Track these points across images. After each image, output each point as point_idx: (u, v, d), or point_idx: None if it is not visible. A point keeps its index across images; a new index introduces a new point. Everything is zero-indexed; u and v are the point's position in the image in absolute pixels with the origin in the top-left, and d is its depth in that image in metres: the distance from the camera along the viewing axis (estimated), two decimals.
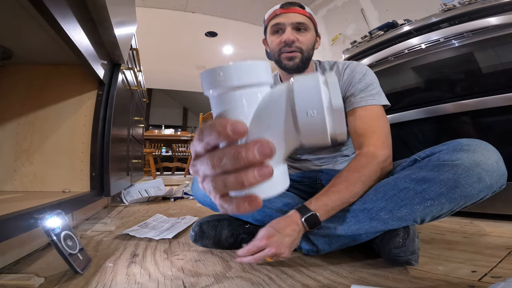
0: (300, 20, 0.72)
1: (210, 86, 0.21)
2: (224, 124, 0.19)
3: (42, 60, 0.92)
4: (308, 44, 0.74)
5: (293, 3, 0.74)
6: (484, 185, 0.49)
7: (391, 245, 0.53)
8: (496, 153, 0.52)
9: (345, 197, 0.57)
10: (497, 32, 1.00)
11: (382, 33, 1.43)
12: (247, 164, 0.19)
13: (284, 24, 0.73)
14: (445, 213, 0.53)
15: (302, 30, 0.73)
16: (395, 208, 0.53)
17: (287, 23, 0.72)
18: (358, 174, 0.59)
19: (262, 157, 0.19)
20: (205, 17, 3.20)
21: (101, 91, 0.98)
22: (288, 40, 0.71)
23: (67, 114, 0.94)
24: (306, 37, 0.74)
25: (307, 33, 0.74)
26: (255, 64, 0.21)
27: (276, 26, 0.74)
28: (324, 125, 0.19)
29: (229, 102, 0.21)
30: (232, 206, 0.21)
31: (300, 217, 0.55)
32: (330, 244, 0.60)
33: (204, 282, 0.50)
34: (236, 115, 0.21)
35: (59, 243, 0.51)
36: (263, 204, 0.75)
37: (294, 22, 0.72)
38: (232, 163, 0.19)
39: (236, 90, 0.21)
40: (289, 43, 0.72)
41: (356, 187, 0.58)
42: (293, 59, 0.73)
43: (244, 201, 0.21)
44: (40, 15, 0.53)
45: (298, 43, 0.72)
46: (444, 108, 1.12)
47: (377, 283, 0.48)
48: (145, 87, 2.21)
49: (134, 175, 1.75)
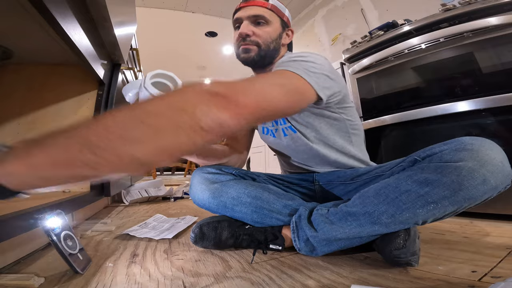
0: (257, 12, 0.69)
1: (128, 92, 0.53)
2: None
3: (42, 60, 0.92)
4: (267, 37, 0.70)
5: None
6: (489, 187, 0.47)
7: (392, 247, 0.53)
8: (501, 152, 0.50)
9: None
10: (497, 32, 1.00)
11: (382, 33, 1.43)
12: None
13: (241, 18, 0.70)
14: (448, 215, 0.51)
15: (262, 23, 0.70)
16: (397, 212, 0.52)
17: (244, 16, 0.70)
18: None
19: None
20: (205, 17, 3.20)
21: (101, 91, 0.98)
22: (242, 33, 0.69)
23: (67, 114, 0.94)
24: (264, 30, 0.70)
25: (267, 26, 0.70)
26: (133, 82, 0.53)
27: (236, 21, 0.72)
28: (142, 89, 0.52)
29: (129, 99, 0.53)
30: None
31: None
32: (329, 246, 0.60)
33: (204, 282, 0.50)
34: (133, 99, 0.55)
35: (59, 243, 0.51)
36: (262, 206, 0.74)
37: (250, 15, 0.69)
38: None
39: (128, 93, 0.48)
40: (243, 36, 0.69)
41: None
42: (248, 51, 0.70)
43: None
44: (40, 15, 0.53)
45: (254, 36, 0.69)
46: (444, 108, 1.12)
47: (377, 283, 0.48)
48: None
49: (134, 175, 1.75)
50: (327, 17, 2.74)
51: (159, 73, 0.37)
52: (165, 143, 0.33)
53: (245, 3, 0.71)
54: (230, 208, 0.70)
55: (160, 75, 0.36)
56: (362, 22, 2.30)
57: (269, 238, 0.66)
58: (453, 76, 1.14)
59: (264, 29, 0.70)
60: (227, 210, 0.71)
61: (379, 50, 1.39)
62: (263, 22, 0.70)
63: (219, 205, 0.71)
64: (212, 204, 0.72)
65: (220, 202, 0.71)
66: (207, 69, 4.80)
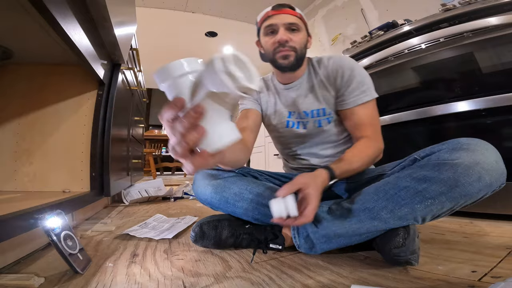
0: (292, 20, 0.74)
1: (163, 79, 0.30)
2: (170, 103, 0.29)
3: (42, 60, 0.92)
4: (301, 43, 0.75)
5: (284, 4, 0.76)
6: (484, 184, 0.49)
7: (391, 245, 0.54)
8: (495, 152, 0.53)
9: (350, 169, 0.66)
10: (497, 32, 1.00)
11: (382, 33, 1.43)
12: (191, 126, 0.28)
13: (277, 24, 0.74)
14: (445, 212, 0.53)
15: (295, 30, 0.75)
16: (396, 208, 0.54)
17: (280, 23, 0.74)
18: (362, 153, 0.69)
19: (197, 115, 0.28)
20: (205, 17, 3.20)
21: (101, 91, 0.98)
22: (282, 40, 0.73)
23: (67, 114, 0.94)
24: (298, 37, 0.75)
25: (299, 33, 0.75)
26: (186, 60, 0.31)
27: (270, 27, 0.75)
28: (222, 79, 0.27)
29: (175, 87, 0.30)
30: (189, 165, 0.30)
31: (328, 179, 0.62)
32: (329, 244, 0.60)
33: (204, 282, 0.50)
34: (180, 95, 0.30)
35: (59, 243, 0.51)
36: (264, 204, 0.75)
37: (286, 22, 0.73)
38: (181, 128, 0.28)
39: (177, 78, 0.30)
40: (283, 42, 0.73)
41: (359, 163, 0.67)
42: (287, 57, 0.74)
43: (196, 156, 0.30)
44: (40, 15, 0.53)
45: (291, 42, 0.74)
46: (444, 108, 1.12)
47: (377, 283, 0.48)
48: (145, 87, 2.21)
49: (134, 175, 1.75)
50: (327, 17, 2.74)
51: (235, 56, 0.29)
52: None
53: (278, 11, 0.75)
54: (232, 203, 0.71)
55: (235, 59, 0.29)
56: (362, 22, 2.30)
57: (269, 238, 0.66)
58: (453, 76, 1.14)
59: (298, 35, 0.75)
60: (228, 205, 0.71)
61: (379, 50, 1.39)
62: (296, 29, 0.75)
63: (221, 200, 0.72)
64: (214, 199, 0.73)
65: (222, 197, 0.72)
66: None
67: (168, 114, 0.29)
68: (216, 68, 0.27)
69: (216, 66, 0.27)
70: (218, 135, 0.31)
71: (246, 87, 0.28)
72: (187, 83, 0.30)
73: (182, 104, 0.29)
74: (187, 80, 0.30)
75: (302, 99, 0.80)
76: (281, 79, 0.83)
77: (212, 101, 0.30)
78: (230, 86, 0.27)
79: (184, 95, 0.30)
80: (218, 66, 0.27)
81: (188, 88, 0.30)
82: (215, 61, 0.27)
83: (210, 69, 0.27)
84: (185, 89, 0.30)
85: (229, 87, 0.27)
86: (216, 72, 0.27)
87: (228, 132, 0.32)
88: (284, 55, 0.74)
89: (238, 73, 0.27)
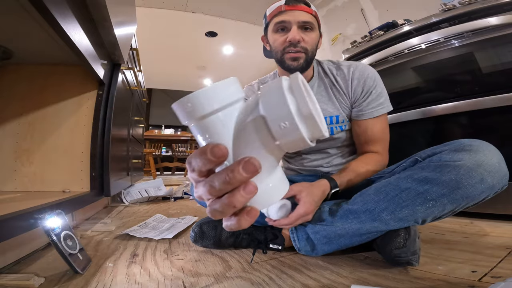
0: (306, 19, 0.68)
1: (184, 118, 0.22)
2: (204, 151, 0.20)
3: (42, 60, 0.92)
4: (313, 44, 0.71)
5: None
6: (486, 186, 0.48)
7: (392, 246, 0.53)
8: (498, 153, 0.52)
9: (354, 181, 0.67)
10: (497, 32, 1.00)
11: (382, 33, 1.43)
12: (238, 184, 0.20)
13: (290, 22, 0.68)
14: (446, 214, 0.52)
15: (308, 29, 0.69)
16: (397, 209, 0.53)
17: (293, 21, 0.68)
18: (366, 167, 0.69)
19: (249, 174, 0.19)
20: (205, 17, 3.19)
21: (101, 91, 0.98)
22: (294, 39, 0.67)
23: (67, 114, 0.94)
24: (311, 37, 0.70)
25: (313, 33, 0.70)
26: (221, 86, 0.21)
27: (281, 24, 0.69)
28: (300, 133, 0.19)
29: (206, 129, 0.22)
30: (233, 222, 0.22)
31: (330, 187, 0.64)
32: (330, 245, 0.60)
33: (204, 282, 0.50)
34: (216, 139, 0.22)
35: (59, 243, 0.51)
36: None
37: (300, 21, 0.68)
38: (224, 187, 0.20)
39: (208, 116, 0.21)
40: (295, 43, 0.68)
41: (363, 176, 0.68)
42: (297, 59, 0.69)
43: (242, 216, 0.22)
44: (40, 15, 0.53)
45: (303, 43, 0.68)
46: (444, 108, 1.12)
47: (377, 283, 0.48)
48: (145, 87, 2.21)
49: (134, 175, 1.75)
50: (327, 17, 2.74)
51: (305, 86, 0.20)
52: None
53: (292, 7, 0.68)
54: None
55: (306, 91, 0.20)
56: (362, 22, 2.30)
57: (269, 238, 0.66)
58: (453, 76, 1.14)
59: (311, 35, 0.70)
60: None
61: (379, 50, 1.39)
62: (310, 29, 0.70)
63: None
64: None
65: None
66: (207, 69, 4.80)
67: (200, 165, 0.20)
68: (290, 110, 0.18)
69: (290, 106, 0.18)
70: (270, 191, 0.23)
71: (321, 135, 0.20)
72: (228, 123, 0.21)
73: (224, 156, 0.20)
74: (228, 117, 0.21)
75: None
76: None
77: (264, 147, 0.21)
78: (305, 135, 0.19)
79: (224, 141, 0.21)
80: (292, 105, 0.18)
81: (230, 130, 0.21)
82: (285, 95, 0.19)
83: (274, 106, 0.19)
84: (225, 131, 0.21)
85: (304, 138, 0.19)
86: (287, 115, 0.18)
87: (280, 186, 0.24)
88: (294, 57, 0.69)
89: (316, 117, 0.19)
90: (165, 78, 5.24)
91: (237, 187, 0.20)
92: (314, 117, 0.19)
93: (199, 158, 0.20)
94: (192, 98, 0.20)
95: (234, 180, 0.20)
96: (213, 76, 5.13)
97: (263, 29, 0.78)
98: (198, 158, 0.20)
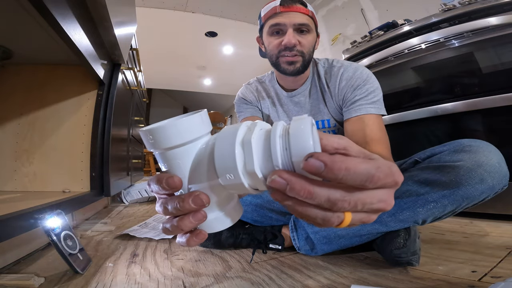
0: (302, 21, 0.65)
1: (148, 147, 0.23)
2: (161, 180, 0.23)
3: (42, 60, 0.92)
4: (310, 46, 0.68)
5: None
6: (486, 186, 0.49)
7: (392, 246, 0.53)
8: (498, 153, 0.52)
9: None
10: (497, 32, 1.00)
11: (382, 33, 1.43)
12: (188, 212, 0.23)
13: (285, 25, 0.65)
14: (446, 214, 0.52)
15: (304, 32, 0.66)
16: (397, 211, 0.53)
17: (288, 24, 0.65)
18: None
19: (197, 207, 0.22)
20: (205, 17, 3.19)
21: (101, 91, 0.98)
22: (289, 43, 0.64)
23: (67, 114, 0.94)
24: (308, 40, 0.67)
25: (309, 35, 0.67)
26: (183, 124, 0.22)
27: (276, 27, 0.66)
28: (243, 185, 0.20)
29: (166, 160, 0.24)
30: (183, 240, 0.25)
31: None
32: (329, 245, 0.60)
33: (204, 282, 0.50)
34: (173, 170, 0.24)
35: (59, 243, 0.51)
36: (263, 205, 0.76)
37: (296, 23, 0.65)
38: (175, 212, 0.23)
39: (168, 150, 0.23)
40: (291, 46, 0.65)
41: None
42: (293, 63, 0.66)
43: (191, 237, 0.25)
44: (40, 15, 0.53)
45: (299, 46, 0.66)
46: (444, 108, 1.12)
47: (377, 283, 0.48)
48: (145, 87, 2.21)
49: (134, 175, 1.75)
50: (327, 17, 2.74)
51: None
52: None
53: (287, 8, 0.64)
54: None
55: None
56: (362, 22, 2.30)
57: (269, 238, 0.66)
58: (453, 76, 1.14)
59: (307, 38, 0.67)
60: None
61: (379, 50, 1.39)
62: (306, 31, 0.67)
63: None
64: None
65: None
66: (207, 69, 4.80)
67: (156, 190, 0.24)
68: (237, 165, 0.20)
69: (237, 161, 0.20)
70: (221, 218, 0.25)
71: (263, 189, 0.22)
72: (186, 158, 0.23)
73: (177, 187, 0.23)
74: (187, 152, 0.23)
75: (306, 110, 0.75)
76: (283, 83, 0.77)
77: (214, 186, 0.23)
78: (247, 186, 0.21)
79: (181, 172, 0.23)
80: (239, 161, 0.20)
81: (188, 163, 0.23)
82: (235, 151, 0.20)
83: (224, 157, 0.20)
84: (183, 164, 0.23)
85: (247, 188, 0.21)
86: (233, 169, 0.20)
87: (232, 214, 0.26)
88: (290, 61, 0.66)
89: (259, 174, 0.20)
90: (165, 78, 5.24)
91: (187, 213, 0.23)
92: (257, 175, 0.20)
93: (156, 185, 0.23)
94: (154, 132, 0.22)
95: (183, 209, 0.22)
96: (213, 76, 5.13)
97: (258, 30, 0.76)
98: (155, 184, 0.23)
